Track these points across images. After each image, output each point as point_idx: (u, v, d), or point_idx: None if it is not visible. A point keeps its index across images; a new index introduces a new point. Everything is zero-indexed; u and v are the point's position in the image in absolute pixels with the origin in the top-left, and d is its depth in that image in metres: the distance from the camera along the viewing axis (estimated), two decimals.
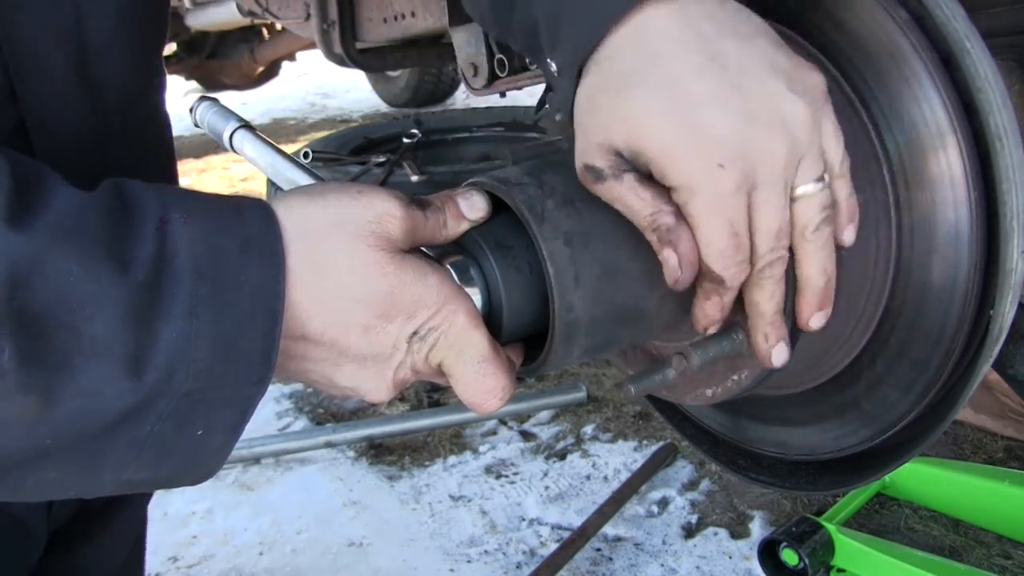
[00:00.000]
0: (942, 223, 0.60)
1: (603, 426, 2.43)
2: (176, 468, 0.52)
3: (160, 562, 2.02)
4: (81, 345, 0.45)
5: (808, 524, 1.66)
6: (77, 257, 0.46)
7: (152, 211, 0.49)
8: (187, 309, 0.47)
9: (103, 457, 0.49)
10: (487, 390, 0.57)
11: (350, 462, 2.37)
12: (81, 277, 0.45)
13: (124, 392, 0.46)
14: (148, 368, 0.47)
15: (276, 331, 0.50)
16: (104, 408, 0.46)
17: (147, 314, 0.47)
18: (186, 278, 0.48)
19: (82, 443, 0.47)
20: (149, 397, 0.47)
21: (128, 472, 0.50)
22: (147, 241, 0.48)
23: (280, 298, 0.50)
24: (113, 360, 0.46)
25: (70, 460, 0.48)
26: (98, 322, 0.45)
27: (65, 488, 0.51)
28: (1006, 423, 2.13)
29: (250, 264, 0.50)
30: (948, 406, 0.62)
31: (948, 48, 0.57)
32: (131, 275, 0.46)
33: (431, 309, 0.54)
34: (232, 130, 0.77)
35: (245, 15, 3.57)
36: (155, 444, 0.49)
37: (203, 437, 0.51)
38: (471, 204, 0.58)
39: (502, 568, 1.91)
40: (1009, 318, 0.58)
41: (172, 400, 0.48)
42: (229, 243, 0.50)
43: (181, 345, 0.47)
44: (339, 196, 0.54)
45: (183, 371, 0.48)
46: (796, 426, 0.73)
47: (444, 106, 6.80)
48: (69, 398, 0.45)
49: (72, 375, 0.45)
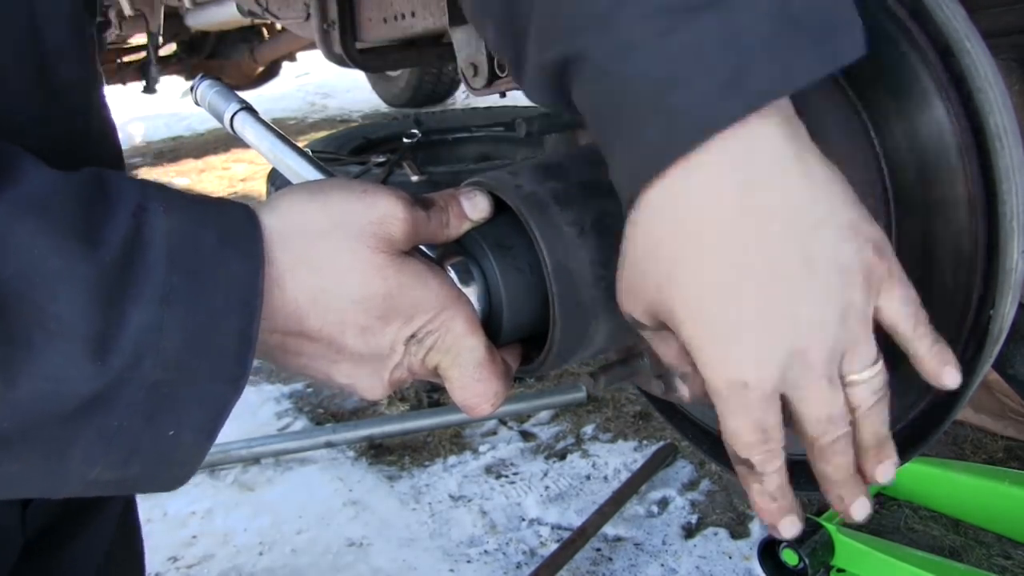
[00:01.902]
0: (941, 223, 0.60)
1: (603, 426, 2.43)
2: (146, 468, 0.50)
3: (160, 562, 2.02)
4: (43, 322, 0.43)
5: (808, 524, 1.66)
6: (44, 232, 0.44)
7: (130, 198, 0.48)
8: (159, 296, 0.46)
9: (69, 449, 0.47)
10: (480, 394, 0.57)
11: (350, 462, 2.37)
12: (46, 251, 0.43)
13: (88, 376, 0.44)
14: (114, 351, 0.45)
15: (252, 329, 0.49)
16: (67, 392, 0.44)
17: (115, 296, 0.45)
18: (160, 267, 0.46)
19: (45, 430, 0.45)
20: (115, 383, 0.45)
21: (96, 469, 0.48)
22: (121, 224, 0.46)
23: (258, 296, 0.49)
24: (76, 340, 0.44)
25: (33, 449, 0.46)
26: (62, 299, 0.43)
27: (30, 484, 0.49)
28: (1006, 423, 2.13)
29: (228, 259, 0.48)
30: (948, 406, 0.62)
31: (948, 48, 0.57)
32: (100, 254, 0.45)
33: (429, 313, 0.54)
34: (233, 112, 0.76)
35: (245, 15, 3.57)
36: (124, 439, 0.47)
37: (175, 436, 0.49)
38: (473, 204, 0.58)
39: (502, 568, 1.91)
40: (1009, 318, 0.58)
41: (140, 390, 0.46)
42: (207, 236, 0.48)
43: (150, 332, 0.45)
44: (342, 195, 0.54)
45: (151, 358, 0.46)
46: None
47: (444, 106, 6.80)
48: (29, 378, 0.43)
49: (32, 353, 0.43)
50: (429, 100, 6.87)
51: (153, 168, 6.10)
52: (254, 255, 0.50)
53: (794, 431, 0.52)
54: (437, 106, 6.79)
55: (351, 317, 0.53)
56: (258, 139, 0.74)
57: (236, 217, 0.51)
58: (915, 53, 0.58)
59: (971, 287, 0.59)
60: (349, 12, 2.59)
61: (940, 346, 0.53)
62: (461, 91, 6.72)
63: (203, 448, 0.51)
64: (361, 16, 2.61)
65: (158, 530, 2.13)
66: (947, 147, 0.58)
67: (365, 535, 2.07)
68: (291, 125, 7.02)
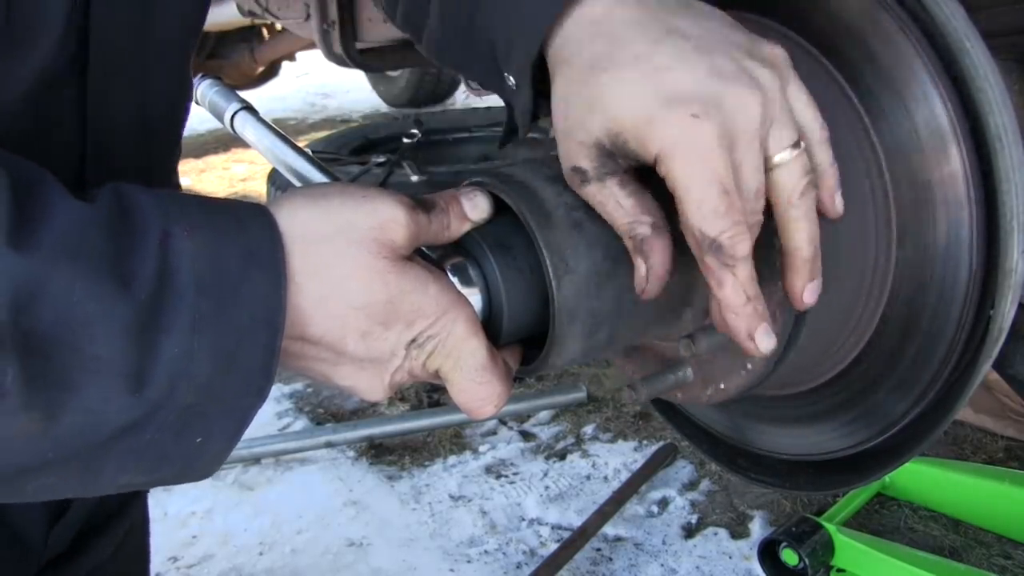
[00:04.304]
0: (942, 223, 0.60)
1: (603, 426, 2.43)
2: (174, 471, 0.52)
3: (160, 562, 2.02)
4: (83, 363, 0.45)
5: (808, 524, 1.66)
6: (80, 276, 0.45)
7: (154, 224, 0.49)
8: (189, 325, 0.47)
9: (103, 465, 0.49)
10: (482, 397, 0.57)
11: (350, 462, 2.37)
12: (83, 296, 0.45)
13: (124, 407, 0.47)
14: (149, 384, 0.47)
15: (276, 343, 0.50)
16: (105, 422, 0.47)
17: (149, 331, 0.46)
18: (188, 294, 0.48)
19: (82, 454, 0.48)
20: (149, 411, 0.47)
21: (127, 476, 0.50)
22: (149, 257, 0.48)
23: (281, 310, 0.50)
24: (114, 377, 0.46)
25: (70, 468, 0.48)
26: (100, 340, 0.45)
27: (64, 491, 0.51)
28: (1006, 423, 2.13)
29: (251, 277, 0.49)
30: (948, 406, 0.62)
31: (948, 48, 0.57)
32: (133, 292, 0.46)
33: (430, 318, 0.54)
34: (234, 111, 0.77)
35: (245, 15, 3.57)
36: (154, 451, 0.49)
37: (202, 444, 0.51)
38: (474, 205, 0.58)
39: (502, 568, 1.91)
40: (1009, 318, 0.58)
41: (172, 412, 0.48)
42: (231, 256, 0.49)
43: (182, 361, 0.47)
44: (343, 200, 0.54)
45: (184, 386, 0.48)
46: (796, 426, 0.73)
47: (444, 106, 6.80)
48: (71, 414, 0.46)
49: (74, 393, 0.45)
50: (429, 100, 6.86)
51: None
52: (276, 269, 0.51)
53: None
54: (437, 106, 6.78)
55: (352, 322, 0.53)
56: (258, 139, 0.74)
57: (256, 229, 0.51)
58: (915, 53, 0.58)
59: (971, 286, 0.59)
60: (349, 12, 2.60)
61: (836, 167, 0.57)
62: (461, 91, 6.72)
63: (227, 451, 0.53)
64: (361, 16, 2.61)
65: (158, 530, 2.11)
66: (947, 147, 0.58)
67: (365, 535, 2.07)
68: (291, 125, 7.02)
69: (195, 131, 7.05)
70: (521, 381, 2.57)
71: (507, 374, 0.58)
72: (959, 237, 0.59)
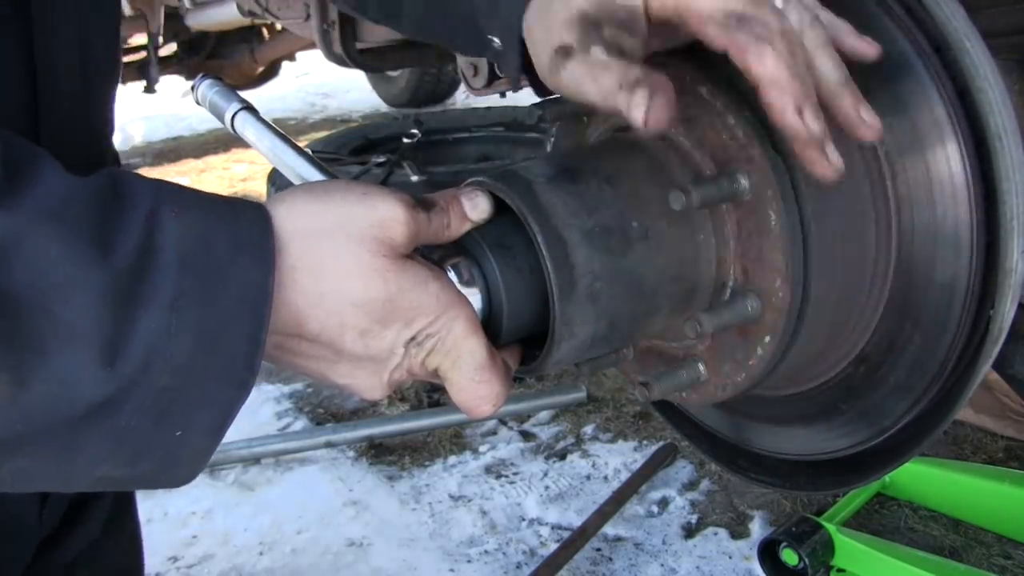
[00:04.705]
0: (942, 223, 0.60)
1: (603, 426, 2.43)
2: (154, 467, 0.50)
3: (160, 562, 2.02)
4: (55, 329, 0.44)
5: (808, 524, 1.66)
6: (58, 238, 0.44)
7: (144, 201, 0.48)
8: (169, 301, 0.46)
9: (78, 448, 0.47)
10: (481, 396, 0.57)
11: (350, 462, 2.37)
12: (60, 258, 0.44)
13: (98, 380, 0.45)
14: (123, 357, 0.45)
15: (261, 334, 0.49)
16: (77, 396, 0.45)
17: (126, 302, 0.45)
18: (171, 270, 0.46)
19: (55, 431, 0.46)
20: (124, 388, 0.46)
21: (104, 466, 0.49)
22: (134, 229, 0.47)
23: (267, 300, 0.49)
24: (87, 347, 0.45)
25: (43, 448, 0.47)
26: (74, 306, 0.44)
27: (39, 479, 0.49)
28: (1006, 423, 2.13)
29: (239, 263, 0.49)
30: (948, 406, 0.62)
31: (948, 48, 0.57)
32: (112, 261, 0.45)
33: (429, 317, 0.54)
34: (234, 111, 0.77)
35: (245, 15, 3.57)
36: (132, 439, 0.48)
37: (182, 437, 0.49)
38: (474, 205, 0.58)
39: (502, 568, 1.91)
40: (1009, 318, 0.58)
41: (149, 394, 0.47)
42: (219, 240, 0.49)
43: (160, 337, 0.46)
44: (344, 197, 0.54)
45: (160, 364, 0.46)
46: (796, 426, 0.73)
47: (444, 106, 6.80)
48: (41, 382, 0.44)
49: (44, 358, 0.44)
50: (429, 100, 6.86)
51: (153, 168, 6.09)
52: (265, 258, 0.50)
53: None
54: (437, 106, 6.78)
55: (351, 320, 0.53)
56: (259, 139, 0.74)
57: (249, 219, 0.51)
58: (915, 53, 0.58)
59: (971, 286, 0.59)
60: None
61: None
62: (461, 91, 6.72)
63: (210, 448, 0.51)
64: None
65: (158, 530, 2.13)
66: (947, 146, 0.59)
67: (365, 535, 2.07)
68: (291, 125, 7.02)
69: (195, 131, 7.05)
70: (521, 381, 2.57)
71: (506, 373, 0.58)
72: (959, 237, 0.59)
